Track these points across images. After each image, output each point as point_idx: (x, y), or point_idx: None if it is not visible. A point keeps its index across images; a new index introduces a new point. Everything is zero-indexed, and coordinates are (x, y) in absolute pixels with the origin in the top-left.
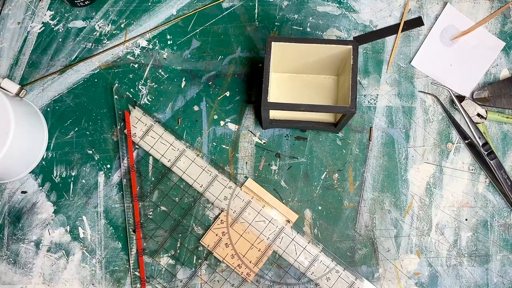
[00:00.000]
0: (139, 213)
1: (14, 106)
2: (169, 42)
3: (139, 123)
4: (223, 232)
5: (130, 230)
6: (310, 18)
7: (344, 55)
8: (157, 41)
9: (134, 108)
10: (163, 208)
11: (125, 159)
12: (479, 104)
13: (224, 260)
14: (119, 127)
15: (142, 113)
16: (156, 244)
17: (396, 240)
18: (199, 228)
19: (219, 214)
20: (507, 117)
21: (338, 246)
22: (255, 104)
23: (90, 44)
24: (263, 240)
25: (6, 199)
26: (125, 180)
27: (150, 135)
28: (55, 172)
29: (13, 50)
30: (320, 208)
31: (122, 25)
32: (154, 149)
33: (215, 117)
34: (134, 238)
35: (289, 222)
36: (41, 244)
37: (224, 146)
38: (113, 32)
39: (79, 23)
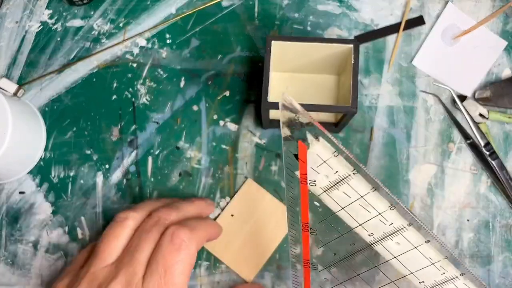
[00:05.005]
0: (310, 285)
1: (12, 105)
2: (168, 41)
3: (325, 167)
4: None
5: None
6: (311, 17)
7: (345, 55)
8: (156, 40)
9: (318, 140)
10: None
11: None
12: (481, 104)
13: None
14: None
15: (332, 152)
16: None
17: None
18: None
19: None
20: (509, 117)
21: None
22: (255, 104)
23: (89, 43)
24: None
25: (4, 200)
26: (296, 243)
27: (343, 190)
28: (53, 172)
29: (11, 50)
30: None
31: (121, 24)
32: (346, 212)
33: (215, 117)
34: None
35: None
36: (39, 245)
37: (223, 146)
38: (112, 31)
39: (77, 22)
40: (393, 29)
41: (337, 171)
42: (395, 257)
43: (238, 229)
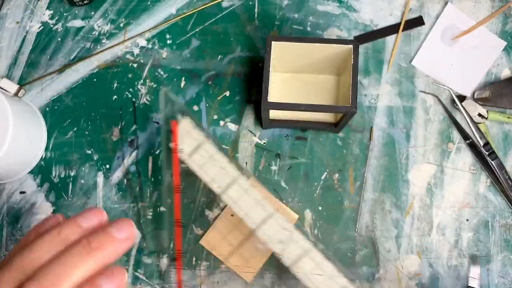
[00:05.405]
0: (181, 241)
1: (13, 106)
2: (168, 42)
3: (188, 137)
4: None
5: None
6: (311, 17)
7: (345, 55)
8: (157, 41)
9: (184, 118)
10: (162, 209)
11: (165, 176)
12: (480, 104)
13: None
14: (160, 140)
15: (193, 126)
16: (155, 244)
17: (396, 240)
18: (199, 228)
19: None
20: (508, 117)
21: (338, 247)
22: (255, 104)
23: (89, 43)
24: None
25: (5, 200)
26: (168, 201)
27: (200, 153)
28: (54, 172)
29: (12, 50)
30: (320, 208)
31: (121, 25)
32: (203, 170)
33: (215, 117)
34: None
35: (353, 280)
36: None
37: (224, 146)
38: (112, 31)
39: (78, 23)
40: (392, 29)
41: (196, 139)
42: (235, 203)
43: (238, 229)
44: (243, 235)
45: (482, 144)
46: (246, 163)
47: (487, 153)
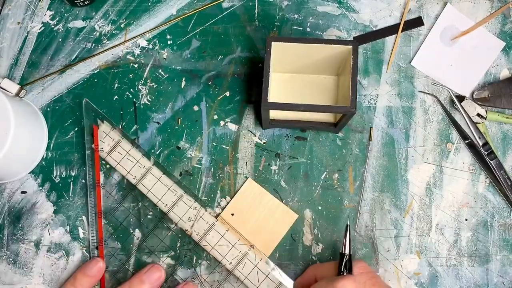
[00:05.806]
0: (102, 230)
1: (14, 106)
2: (169, 42)
3: (107, 138)
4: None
5: (93, 247)
6: (310, 18)
7: (344, 55)
8: (157, 41)
9: (103, 123)
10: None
11: (91, 173)
12: (479, 104)
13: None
14: (86, 141)
15: (110, 128)
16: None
17: (396, 240)
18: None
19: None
20: (507, 117)
21: (338, 246)
22: (255, 104)
23: (90, 44)
24: (225, 265)
25: (6, 199)
26: (91, 195)
27: (117, 150)
28: (55, 172)
29: (13, 50)
30: (320, 208)
31: (122, 25)
32: (120, 165)
33: (215, 117)
34: (134, 238)
35: (252, 247)
36: (41, 244)
37: (224, 146)
38: (113, 32)
39: (79, 23)
40: (392, 30)
41: (113, 139)
42: (149, 190)
43: (238, 228)
44: (243, 234)
45: (481, 144)
46: (246, 163)
47: (486, 153)
